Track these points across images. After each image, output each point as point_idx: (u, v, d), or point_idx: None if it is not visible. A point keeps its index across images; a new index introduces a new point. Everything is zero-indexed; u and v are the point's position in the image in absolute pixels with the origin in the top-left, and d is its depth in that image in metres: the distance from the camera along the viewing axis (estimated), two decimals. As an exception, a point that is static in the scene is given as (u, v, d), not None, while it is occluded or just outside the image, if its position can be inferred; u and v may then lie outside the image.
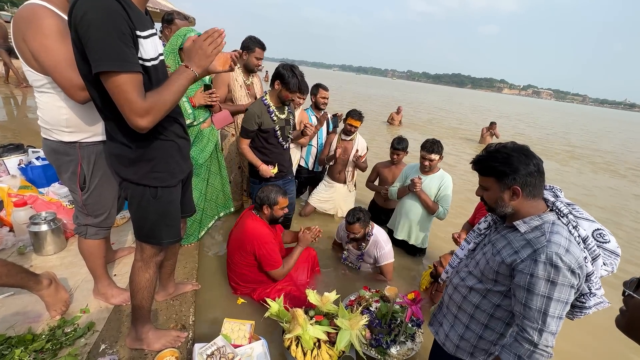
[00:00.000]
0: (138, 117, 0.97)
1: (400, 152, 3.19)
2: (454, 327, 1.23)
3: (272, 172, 2.47)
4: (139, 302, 1.44)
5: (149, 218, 1.28)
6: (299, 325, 1.62)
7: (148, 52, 1.05)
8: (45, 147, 1.50)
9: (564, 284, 0.94)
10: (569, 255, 0.94)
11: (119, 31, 0.92)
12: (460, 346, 1.21)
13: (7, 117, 5.85)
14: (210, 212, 2.59)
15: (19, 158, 3.01)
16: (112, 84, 0.94)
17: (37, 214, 2.15)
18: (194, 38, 1.92)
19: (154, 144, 1.17)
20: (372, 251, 2.54)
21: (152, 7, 8.34)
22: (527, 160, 1.02)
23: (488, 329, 1.14)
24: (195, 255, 2.44)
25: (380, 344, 1.79)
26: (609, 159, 10.53)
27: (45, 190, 2.75)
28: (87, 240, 1.63)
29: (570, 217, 1.03)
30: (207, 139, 2.33)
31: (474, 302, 1.16)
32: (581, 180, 7.30)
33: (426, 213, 2.84)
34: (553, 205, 1.06)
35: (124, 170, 1.19)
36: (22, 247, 2.13)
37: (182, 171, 1.33)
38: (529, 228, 1.03)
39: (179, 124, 1.27)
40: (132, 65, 0.96)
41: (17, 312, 1.64)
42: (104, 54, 0.91)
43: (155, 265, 1.42)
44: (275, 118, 2.40)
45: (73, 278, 1.95)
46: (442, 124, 13.52)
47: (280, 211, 2.16)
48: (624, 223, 4.88)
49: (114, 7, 0.92)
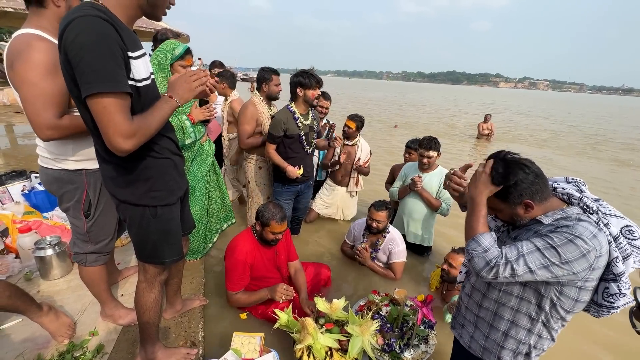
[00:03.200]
0: (122, 139, 0.96)
1: (412, 151, 3.19)
2: (479, 328, 1.19)
3: (298, 173, 2.55)
4: (146, 322, 1.42)
5: (150, 238, 1.26)
6: (310, 334, 1.59)
7: (140, 73, 1.05)
8: (46, 176, 1.47)
9: (568, 253, 0.91)
10: (595, 240, 0.90)
11: (111, 53, 0.92)
12: (486, 347, 1.17)
13: (10, 144, 5.93)
14: (214, 227, 2.59)
15: (22, 184, 3.04)
16: (99, 105, 0.93)
17: (42, 239, 2.16)
18: (180, 64, 1.93)
19: (149, 163, 1.16)
20: (388, 247, 2.59)
21: (147, 27, 8.47)
22: (522, 171, 0.99)
23: (514, 325, 1.09)
24: (201, 270, 2.42)
25: (393, 349, 1.76)
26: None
27: (50, 215, 2.77)
28: (87, 267, 1.61)
29: (600, 214, 0.97)
30: (207, 152, 2.35)
31: (494, 297, 1.12)
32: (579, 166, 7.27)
33: (430, 211, 2.83)
34: (580, 200, 1.01)
35: (121, 191, 1.18)
36: (29, 272, 2.13)
37: (180, 188, 1.32)
38: (552, 219, 1.00)
39: (171, 140, 1.26)
40: (123, 86, 0.96)
41: (26, 339, 1.64)
42: (95, 77, 0.90)
43: (159, 285, 1.40)
44: (301, 124, 2.55)
45: (80, 301, 1.94)
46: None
47: (270, 235, 1.95)
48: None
49: (106, 30, 0.92)
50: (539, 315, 1.04)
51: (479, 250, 1.00)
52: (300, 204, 2.97)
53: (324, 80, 2.56)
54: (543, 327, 1.05)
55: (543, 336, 1.07)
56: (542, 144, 9.99)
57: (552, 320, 1.03)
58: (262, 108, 2.68)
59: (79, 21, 0.89)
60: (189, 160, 2.25)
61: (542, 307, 1.02)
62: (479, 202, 1.05)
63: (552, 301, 1.00)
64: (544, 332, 1.06)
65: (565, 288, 0.97)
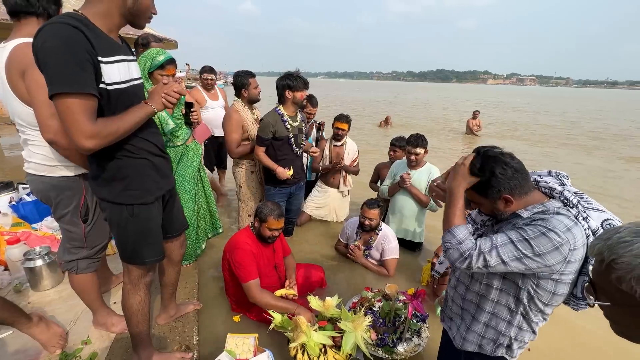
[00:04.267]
0: (84, 138, 1.01)
1: (397, 149, 3.24)
2: (463, 319, 1.22)
3: (288, 174, 2.57)
4: (135, 326, 1.43)
5: (129, 237, 1.29)
6: (303, 332, 1.61)
7: (111, 77, 1.08)
8: (42, 184, 1.45)
9: (540, 246, 0.91)
10: (569, 234, 0.91)
11: (75, 56, 0.97)
12: (467, 338, 1.19)
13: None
14: (202, 232, 2.59)
15: (9, 196, 3.00)
16: (63, 105, 0.98)
17: (31, 250, 2.14)
18: (160, 73, 1.97)
19: (124, 162, 1.20)
20: (381, 244, 2.64)
21: (133, 33, 8.39)
22: (500, 167, 0.99)
23: (494, 316, 1.12)
24: (195, 275, 2.43)
25: (387, 343, 1.79)
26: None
27: (39, 225, 2.73)
28: (78, 275, 1.60)
29: (579, 207, 0.97)
30: (193, 153, 2.34)
31: (476, 290, 1.15)
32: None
33: (419, 207, 2.88)
34: (560, 194, 1.02)
35: (100, 190, 1.23)
36: (19, 284, 2.11)
37: (160, 188, 1.34)
38: (530, 213, 1.01)
39: (151, 142, 1.28)
40: (83, 87, 0.99)
41: (17, 351, 1.62)
42: (57, 78, 0.96)
43: (145, 287, 1.42)
44: (289, 126, 2.56)
45: (72, 310, 1.93)
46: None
47: (267, 231, 1.98)
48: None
49: (72, 34, 0.97)
50: (518, 307, 1.05)
51: (453, 242, 1.02)
52: (292, 205, 2.99)
53: (315, 83, 2.59)
54: (523, 320, 1.07)
55: (523, 328, 1.08)
56: (544, 141, 10.03)
57: (531, 313, 1.05)
58: (245, 114, 2.65)
59: (48, 28, 0.96)
60: (174, 162, 2.24)
61: (520, 300, 1.04)
62: (456, 195, 1.07)
63: (529, 293, 1.01)
64: (524, 325, 1.08)
65: (541, 281, 0.98)
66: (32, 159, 1.43)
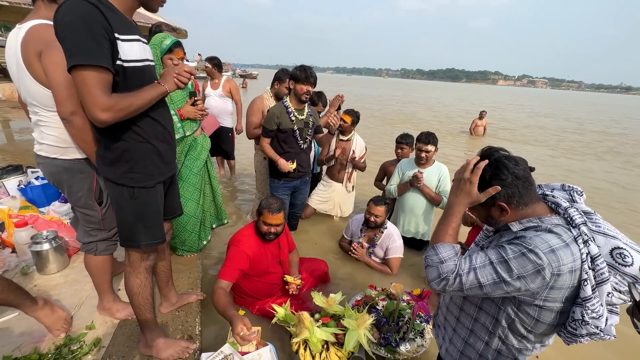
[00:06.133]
0: (99, 110, 1.04)
1: (404, 146, 3.19)
2: (447, 331, 1.17)
3: (290, 167, 2.55)
4: (137, 308, 1.46)
5: (127, 219, 1.31)
6: (306, 328, 1.60)
7: (127, 54, 1.10)
8: (54, 167, 1.45)
9: (520, 268, 0.83)
10: (552, 255, 0.82)
11: (91, 31, 1.00)
12: (449, 351, 1.14)
13: (6, 139, 5.89)
14: (207, 224, 2.58)
15: (18, 179, 3.02)
16: (79, 77, 1.01)
17: (39, 233, 2.15)
18: (169, 57, 1.98)
19: (131, 146, 1.22)
20: (385, 243, 2.61)
21: (144, 22, 8.40)
22: (499, 172, 0.91)
23: (472, 334, 1.05)
24: (198, 265, 2.43)
25: (389, 343, 1.77)
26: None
27: (46, 210, 2.75)
28: (95, 256, 1.63)
29: (582, 229, 0.86)
30: (201, 146, 2.33)
31: (458, 303, 1.09)
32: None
33: (430, 206, 2.86)
34: (565, 211, 0.91)
35: (105, 169, 1.26)
36: (25, 267, 2.13)
37: (162, 174, 1.35)
38: (522, 227, 0.93)
39: (163, 127, 1.30)
40: (98, 61, 1.02)
41: (23, 333, 1.64)
42: (74, 51, 1.00)
43: (145, 271, 1.44)
44: (294, 119, 2.54)
45: (77, 295, 1.94)
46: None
47: (263, 225, 1.90)
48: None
49: (89, 10, 1.00)
50: (496, 329, 0.97)
51: (434, 260, 0.95)
52: (297, 199, 2.97)
53: (323, 78, 2.56)
54: (501, 343, 0.98)
55: (503, 353, 1.00)
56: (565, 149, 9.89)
57: (512, 337, 0.96)
58: (268, 103, 2.82)
59: (66, 4, 1.01)
60: (182, 154, 2.23)
61: (499, 321, 0.96)
62: (455, 213, 0.99)
63: (509, 316, 0.93)
64: (504, 349, 0.99)
65: (523, 305, 0.90)
66: (44, 141, 1.43)
